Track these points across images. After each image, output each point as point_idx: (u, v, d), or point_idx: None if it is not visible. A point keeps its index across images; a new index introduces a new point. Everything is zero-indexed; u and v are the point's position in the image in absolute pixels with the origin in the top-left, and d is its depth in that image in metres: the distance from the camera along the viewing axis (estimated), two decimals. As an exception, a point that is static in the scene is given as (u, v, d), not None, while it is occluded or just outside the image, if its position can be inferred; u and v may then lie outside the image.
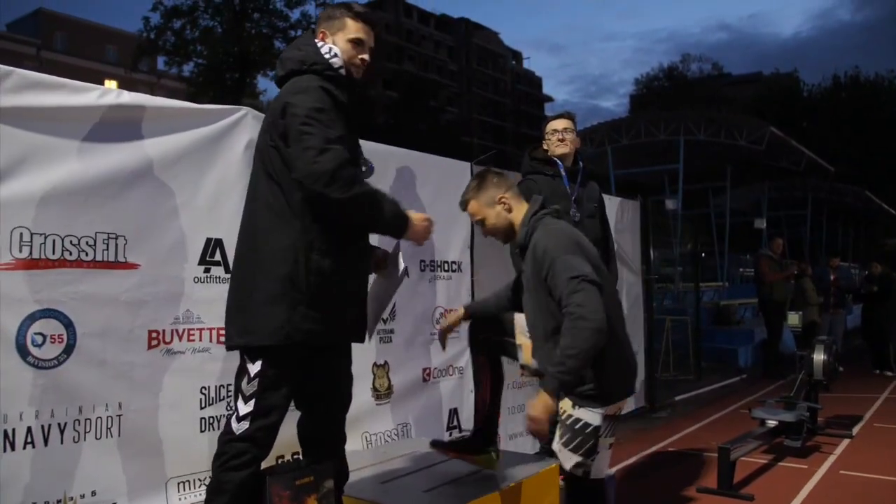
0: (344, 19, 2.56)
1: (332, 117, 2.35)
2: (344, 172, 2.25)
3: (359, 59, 2.58)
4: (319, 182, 2.23)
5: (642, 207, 7.57)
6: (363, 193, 2.32)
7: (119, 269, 2.90)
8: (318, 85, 2.39)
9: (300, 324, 2.33)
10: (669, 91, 49.71)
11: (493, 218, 2.97)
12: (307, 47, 2.53)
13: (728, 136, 16.93)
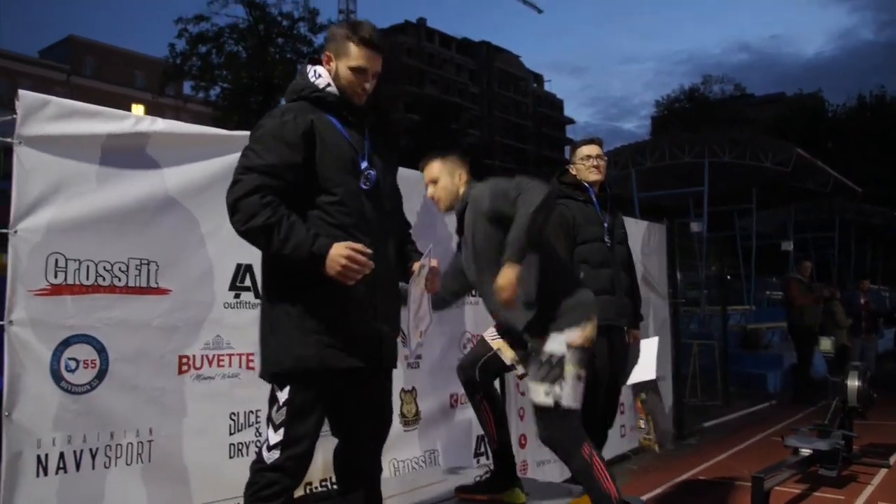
0: (348, 45, 2.51)
1: (276, 146, 2.33)
2: (244, 203, 2.24)
3: (360, 88, 2.54)
4: (229, 212, 2.29)
5: (668, 230, 7.50)
6: (259, 225, 2.24)
7: (151, 295, 2.91)
8: (279, 116, 2.40)
9: (312, 349, 2.33)
10: (691, 112, 49.49)
11: (446, 184, 3.21)
12: (300, 76, 2.56)
13: (753, 157, 16.81)
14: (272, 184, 2.28)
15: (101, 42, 46.97)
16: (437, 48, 66.07)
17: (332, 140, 2.43)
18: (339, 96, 2.51)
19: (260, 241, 2.29)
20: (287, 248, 2.26)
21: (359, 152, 2.50)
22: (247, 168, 2.29)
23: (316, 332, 2.33)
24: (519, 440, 4.93)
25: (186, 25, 29.41)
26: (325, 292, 2.34)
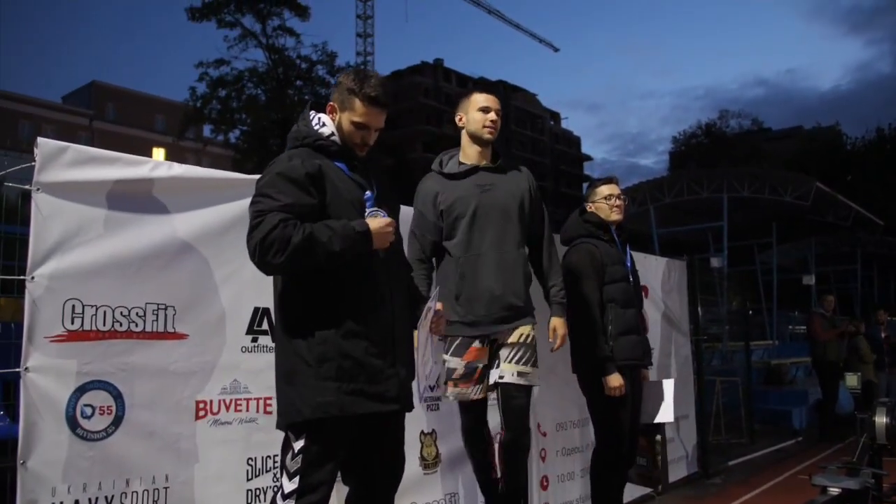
0: (354, 100, 2.54)
1: (286, 187, 2.36)
2: (271, 237, 2.26)
3: (360, 141, 2.58)
4: (255, 257, 2.30)
5: (688, 266, 7.44)
6: (299, 243, 2.27)
7: (168, 340, 2.90)
8: (286, 160, 2.44)
9: (332, 396, 2.31)
10: (708, 147, 49.49)
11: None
12: (302, 122, 2.59)
13: (772, 192, 16.76)
14: (289, 217, 2.32)
15: (123, 87, 47.96)
16: (454, 88, 66.62)
17: (342, 184, 2.45)
18: (342, 146, 2.53)
19: (306, 259, 2.31)
20: (336, 244, 2.31)
21: (366, 195, 2.51)
22: (263, 211, 2.31)
23: (335, 379, 2.31)
24: (541, 482, 4.85)
25: (207, 69, 30.08)
26: (342, 338, 2.33)
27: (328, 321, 2.34)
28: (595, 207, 4.05)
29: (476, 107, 3.44)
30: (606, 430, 3.97)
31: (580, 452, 5.24)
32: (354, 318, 2.38)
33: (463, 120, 3.47)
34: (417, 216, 3.47)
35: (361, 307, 2.40)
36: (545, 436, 4.91)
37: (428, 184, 3.48)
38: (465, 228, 3.35)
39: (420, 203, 3.47)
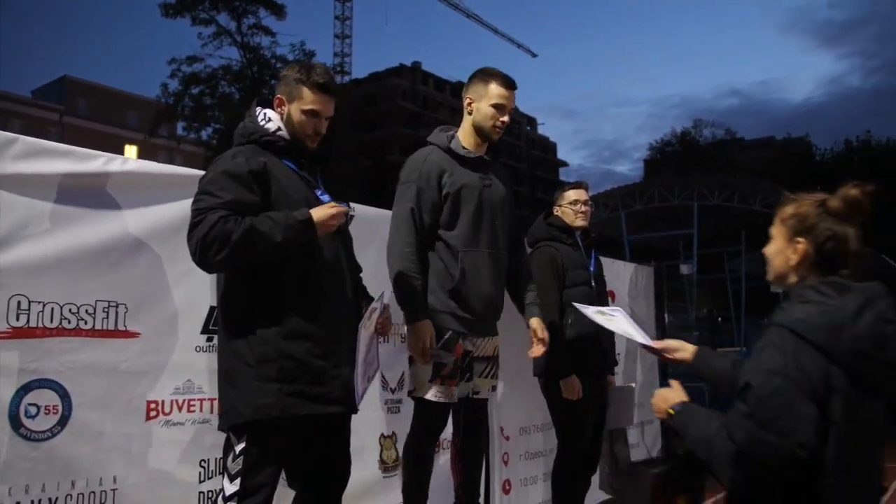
0: (301, 88, 2.51)
1: (230, 184, 2.32)
2: (211, 234, 2.22)
3: (311, 131, 2.54)
4: (196, 256, 2.27)
5: (656, 272, 7.48)
6: (239, 238, 2.23)
7: (119, 338, 2.83)
8: (230, 157, 2.40)
9: (272, 397, 2.27)
10: (682, 156, 49.99)
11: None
12: (248, 118, 2.55)
13: (742, 200, 16.98)
14: (229, 214, 2.29)
15: (95, 82, 47.30)
16: (431, 91, 66.73)
17: (288, 182, 2.41)
18: (289, 141, 2.49)
19: (247, 253, 2.26)
20: (277, 234, 2.26)
21: (314, 192, 2.48)
22: (202, 209, 2.27)
23: (276, 381, 2.27)
24: (503, 486, 4.82)
25: (180, 66, 29.73)
26: (284, 338, 2.29)
27: (270, 321, 2.30)
28: (561, 212, 4.05)
29: (492, 100, 3.21)
30: (567, 434, 3.96)
31: (543, 456, 5.23)
32: (297, 319, 2.34)
33: (472, 106, 3.26)
34: (417, 192, 3.12)
35: (305, 307, 2.36)
36: (508, 440, 4.89)
37: (434, 158, 3.19)
38: (469, 221, 3.16)
39: (422, 178, 3.14)
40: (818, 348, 1.73)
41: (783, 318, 1.79)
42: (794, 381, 1.71)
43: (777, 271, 2.04)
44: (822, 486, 1.73)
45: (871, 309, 1.79)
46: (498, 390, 4.52)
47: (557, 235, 3.98)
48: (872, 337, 1.76)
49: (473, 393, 3.26)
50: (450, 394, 3.16)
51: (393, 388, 4.06)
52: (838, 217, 1.93)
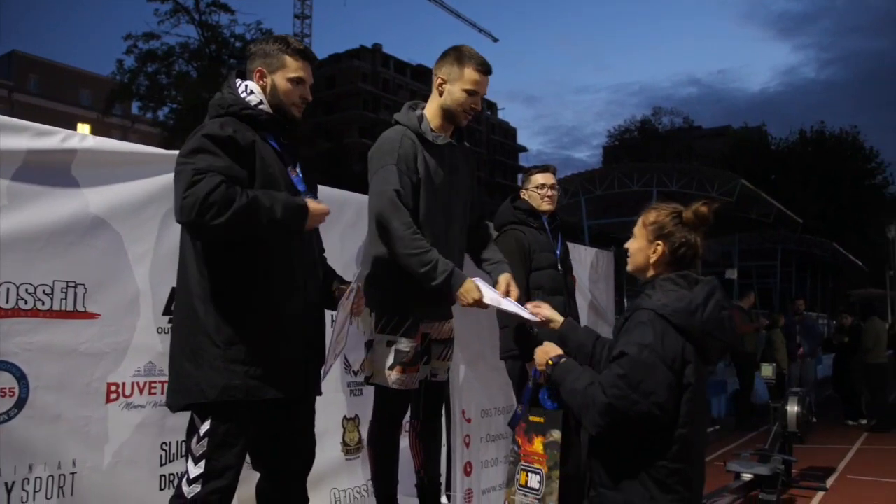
0: (283, 57, 2.50)
1: (218, 152, 2.27)
2: (213, 196, 2.16)
3: (299, 99, 2.53)
4: (192, 215, 2.17)
5: (616, 258, 7.57)
6: (242, 205, 2.19)
7: (78, 319, 2.77)
8: (218, 127, 2.34)
9: (239, 379, 2.25)
10: (641, 143, 50.55)
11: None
12: (226, 89, 2.50)
13: (700, 187, 17.22)
14: (231, 181, 2.24)
15: (47, 58, 46.01)
16: (392, 74, 66.36)
17: (271, 161, 2.38)
18: (271, 115, 2.46)
19: (246, 223, 2.21)
20: (278, 211, 2.24)
21: (293, 175, 2.46)
22: (202, 170, 2.20)
23: (243, 363, 2.25)
24: (464, 468, 4.86)
25: (136, 42, 29.05)
26: (253, 320, 2.27)
27: (240, 303, 2.28)
28: (528, 195, 4.07)
29: (465, 84, 3.09)
30: None
31: (504, 439, 5.28)
32: (267, 302, 2.32)
33: (443, 87, 3.13)
34: (399, 175, 2.99)
35: (274, 291, 2.34)
36: (470, 422, 4.92)
37: (407, 142, 3.06)
38: (434, 209, 3.09)
39: (400, 160, 3.02)
40: (677, 328, 2.17)
41: (651, 304, 2.23)
42: (658, 353, 2.14)
43: (637, 265, 2.46)
44: (677, 435, 2.17)
45: (714, 298, 2.25)
46: (460, 373, 4.55)
47: (524, 219, 3.99)
48: (715, 320, 2.22)
49: (431, 376, 3.26)
50: (411, 381, 3.14)
51: (356, 371, 4.06)
52: (690, 227, 2.37)
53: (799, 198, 36.21)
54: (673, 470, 2.19)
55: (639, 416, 2.14)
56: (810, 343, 11.46)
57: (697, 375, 2.21)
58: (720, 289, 2.32)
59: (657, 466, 2.19)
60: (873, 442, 9.60)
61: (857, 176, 43.56)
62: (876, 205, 43.37)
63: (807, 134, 47.89)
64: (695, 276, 2.36)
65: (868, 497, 6.48)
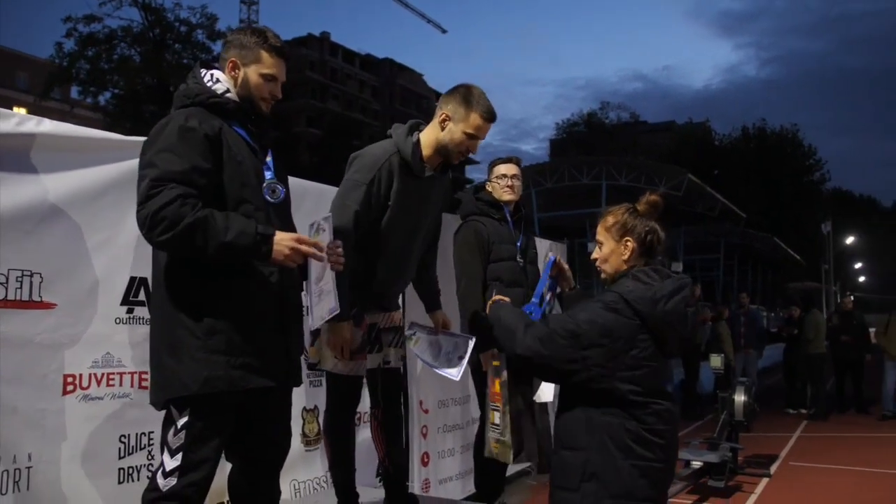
0: (259, 51, 2.44)
1: (186, 150, 2.21)
2: (163, 212, 2.10)
3: (268, 95, 2.49)
4: (143, 229, 2.15)
5: (569, 250, 7.67)
6: (190, 224, 2.12)
7: (34, 309, 2.69)
8: (182, 119, 2.27)
9: (221, 370, 2.21)
10: (588, 136, 51.13)
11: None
12: (192, 79, 2.45)
13: (649, 181, 17.53)
14: (190, 191, 2.16)
15: (-20, 40, 44.25)
16: (340, 63, 65.70)
17: (238, 150, 2.34)
18: (238, 104, 2.41)
19: (193, 241, 2.13)
20: (230, 235, 2.15)
21: (263, 164, 2.42)
22: (159, 179, 2.14)
23: (224, 353, 2.21)
24: (422, 458, 4.88)
25: (76, 25, 28.09)
26: (232, 309, 2.23)
27: (218, 293, 2.23)
28: (491, 186, 4.08)
29: (468, 128, 3.06)
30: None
31: (461, 429, 5.31)
32: (243, 291, 2.28)
33: (446, 124, 3.08)
34: (366, 196, 2.97)
35: (252, 280, 2.30)
36: (427, 413, 4.94)
37: (392, 164, 3.04)
38: (396, 226, 3.08)
39: (374, 183, 2.99)
40: (637, 313, 2.31)
41: (619, 288, 2.39)
42: (608, 323, 2.29)
43: (613, 267, 2.55)
44: (632, 401, 2.30)
45: (681, 294, 2.37)
46: (417, 364, 4.55)
47: (486, 210, 4.00)
48: (676, 313, 2.35)
49: (384, 363, 3.26)
50: (357, 367, 3.13)
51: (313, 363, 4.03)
52: (647, 217, 2.54)
53: (741, 193, 37.13)
54: (634, 434, 2.29)
55: (558, 369, 2.34)
56: (754, 335, 11.77)
57: (650, 357, 2.32)
58: (690, 287, 2.43)
59: (616, 430, 2.30)
60: (812, 430, 9.94)
61: (796, 172, 44.92)
62: (813, 201, 44.81)
63: (749, 131, 49.14)
64: (668, 271, 2.49)
65: (809, 483, 6.71)
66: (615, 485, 2.28)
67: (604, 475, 2.29)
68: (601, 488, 2.28)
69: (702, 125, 52.44)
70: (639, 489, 2.28)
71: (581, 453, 2.34)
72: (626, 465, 2.27)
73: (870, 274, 54.18)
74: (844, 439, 9.29)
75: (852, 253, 46.59)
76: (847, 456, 7.95)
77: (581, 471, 2.32)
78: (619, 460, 2.28)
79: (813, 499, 6.06)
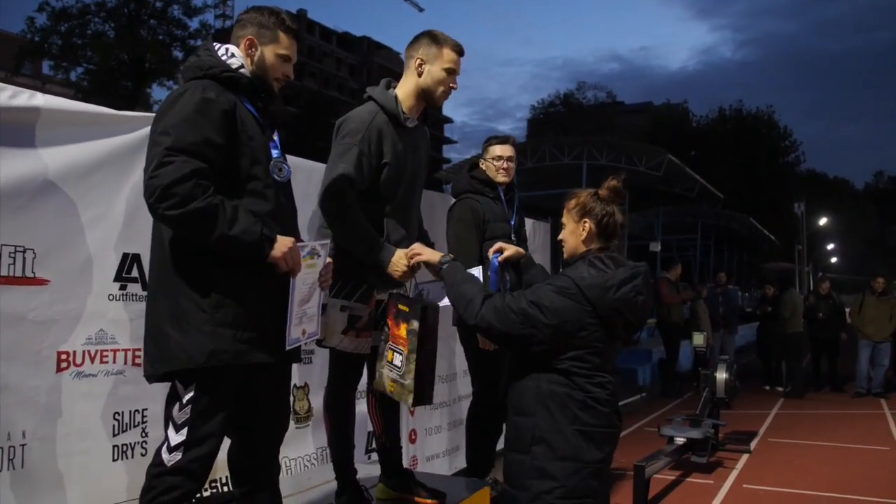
0: (277, 32, 2.47)
1: (202, 123, 2.20)
2: (177, 189, 2.09)
3: (281, 75, 2.52)
4: (153, 197, 2.10)
5: (552, 228, 7.70)
6: (200, 208, 2.11)
7: (27, 286, 2.64)
8: (199, 91, 2.25)
9: (227, 343, 2.20)
10: (565, 116, 51.18)
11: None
12: (204, 52, 2.43)
13: (629, 161, 17.59)
14: (202, 167, 2.14)
15: (-51, 13, 43.21)
16: (317, 41, 65.09)
17: (250, 126, 2.32)
18: (251, 80, 2.40)
19: (199, 226, 2.12)
20: (235, 229, 2.15)
21: (270, 141, 2.41)
22: (173, 149, 2.11)
23: (231, 326, 2.20)
24: (409, 435, 4.91)
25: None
26: (239, 284, 2.22)
27: (224, 266, 2.22)
28: (485, 165, 4.08)
29: (445, 64, 3.09)
30: (483, 381, 4.05)
31: (447, 406, 5.35)
32: (252, 267, 2.26)
33: (423, 67, 3.10)
34: (358, 157, 2.95)
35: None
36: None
37: (378, 122, 3.02)
38: (397, 190, 3.10)
39: (364, 141, 2.97)
40: (587, 299, 2.45)
41: (572, 273, 2.52)
42: (556, 304, 2.44)
43: (572, 248, 2.71)
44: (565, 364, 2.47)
45: (632, 283, 2.51)
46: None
47: (480, 188, 4.01)
48: (626, 301, 2.49)
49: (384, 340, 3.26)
50: (363, 345, 3.14)
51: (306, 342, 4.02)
52: (607, 201, 2.67)
53: (717, 174, 37.45)
54: (580, 402, 2.48)
55: (518, 338, 2.49)
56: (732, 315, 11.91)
57: (597, 340, 2.49)
58: (644, 276, 2.57)
59: (562, 398, 2.49)
60: (789, 407, 10.11)
61: (771, 154, 45.35)
62: (788, 182, 45.32)
63: (725, 112, 49.48)
64: (622, 259, 2.64)
65: (788, 458, 6.84)
66: (562, 448, 2.46)
67: (551, 439, 2.48)
68: (549, 451, 2.47)
69: (679, 106, 52.68)
70: (584, 452, 2.47)
71: (530, 419, 2.53)
72: (571, 430, 2.46)
73: (841, 255, 55.01)
74: (820, 416, 9.47)
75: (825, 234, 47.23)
76: (823, 432, 8.12)
77: (531, 434, 2.52)
78: (565, 425, 2.47)
79: (792, 474, 6.18)
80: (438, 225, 4.25)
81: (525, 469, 2.51)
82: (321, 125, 44.57)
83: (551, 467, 2.46)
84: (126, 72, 29.21)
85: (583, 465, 2.47)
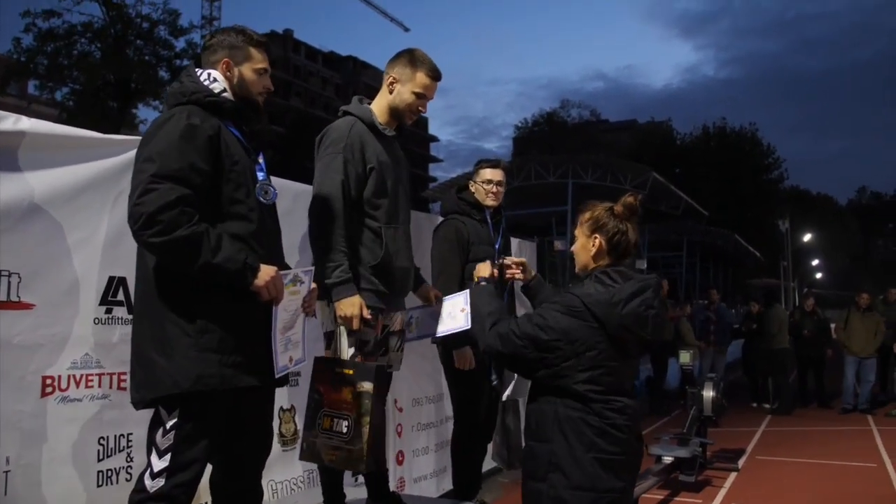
0: (248, 49, 2.52)
1: (187, 149, 2.20)
2: (162, 216, 2.09)
3: (263, 88, 2.56)
4: (138, 223, 2.12)
5: (538, 247, 7.73)
6: (186, 237, 2.12)
7: (11, 310, 2.62)
8: (184, 117, 2.26)
9: (213, 367, 2.20)
10: (550, 135, 51.43)
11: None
12: (187, 78, 2.45)
13: (614, 180, 17.72)
14: (187, 194, 2.15)
15: (-67, 34, 43.00)
16: (303, 60, 65.29)
17: (234, 150, 2.33)
18: (235, 104, 2.42)
19: (182, 253, 2.13)
20: (219, 257, 2.15)
21: (255, 164, 2.42)
22: (159, 176, 2.12)
23: (216, 351, 2.19)
24: (396, 457, 4.88)
25: (34, 20, 27.44)
26: (224, 309, 2.22)
27: (210, 291, 2.21)
28: (474, 188, 4.10)
29: (416, 87, 3.17)
30: (462, 400, 4.03)
31: (435, 427, 5.33)
32: (234, 291, 2.26)
33: (394, 86, 3.20)
34: (344, 164, 3.02)
35: None
36: (401, 411, 4.94)
37: (357, 130, 3.10)
38: (389, 197, 3.13)
39: (347, 149, 3.03)
40: (595, 317, 2.38)
41: (579, 291, 2.46)
42: (563, 326, 2.38)
43: (583, 263, 2.65)
44: (594, 397, 2.39)
45: (640, 296, 2.42)
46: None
47: (467, 210, 4.03)
48: (634, 316, 2.40)
49: (388, 367, 3.26)
50: None
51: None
52: (621, 218, 2.59)
53: (702, 191, 37.70)
54: (596, 429, 2.39)
55: (522, 361, 2.47)
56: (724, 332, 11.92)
57: (609, 358, 2.40)
58: (654, 288, 2.47)
59: (578, 424, 2.40)
60: (777, 424, 10.13)
61: (755, 171, 45.74)
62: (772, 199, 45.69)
63: (709, 129, 49.90)
64: (630, 273, 2.55)
65: (776, 476, 6.85)
66: (577, 476, 2.37)
67: (567, 467, 2.38)
68: (564, 479, 2.38)
69: (663, 124, 53.09)
70: (601, 481, 2.36)
71: (547, 445, 2.44)
72: (588, 458, 2.37)
73: (826, 271, 55.40)
74: (808, 433, 9.50)
75: (809, 250, 47.59)
76: (810, 449, 8.14)
77: (547, 461, 2.42)
78: (581, 453, 2.38)
79: (780, 492, 6.19)
80: (425, 246, 4.26)
81: (542, 499, 2.43)
82: (307, 144, 44.02)
83: (567, 495, 2.37)
84: (112, 92, 29.13)
85: (600, 496, 2.37)
